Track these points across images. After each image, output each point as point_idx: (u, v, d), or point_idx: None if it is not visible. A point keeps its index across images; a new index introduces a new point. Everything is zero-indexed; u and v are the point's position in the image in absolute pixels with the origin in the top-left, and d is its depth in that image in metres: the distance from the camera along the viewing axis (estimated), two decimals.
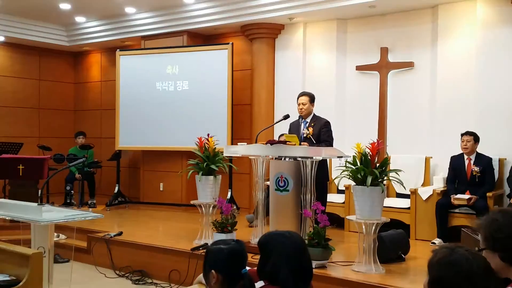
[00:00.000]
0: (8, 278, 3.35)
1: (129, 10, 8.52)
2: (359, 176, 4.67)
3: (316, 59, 7.84)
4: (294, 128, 5.78)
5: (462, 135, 6.05)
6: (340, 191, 6.90)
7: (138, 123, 8.70)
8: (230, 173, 7.87)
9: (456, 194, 5.88)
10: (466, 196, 5.81)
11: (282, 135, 6.17)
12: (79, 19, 9.18)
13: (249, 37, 8.23)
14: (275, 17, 7.66)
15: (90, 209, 8.09)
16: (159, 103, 8.53)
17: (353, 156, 4.77)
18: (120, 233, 6.37)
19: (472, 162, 6.00)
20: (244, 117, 8.31)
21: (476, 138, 5.99)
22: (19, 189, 7.19)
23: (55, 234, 6.17)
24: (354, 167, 4.72)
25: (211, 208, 5.86)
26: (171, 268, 5.59)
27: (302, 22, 7.82)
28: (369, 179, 4.55)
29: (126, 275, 5.84)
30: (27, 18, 9.04)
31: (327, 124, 5.62)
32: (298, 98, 5.77)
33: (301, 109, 5.69)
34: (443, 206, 5.91)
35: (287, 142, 5.21)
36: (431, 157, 6.72)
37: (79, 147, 8.89)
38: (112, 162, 9.20)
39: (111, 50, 9.98)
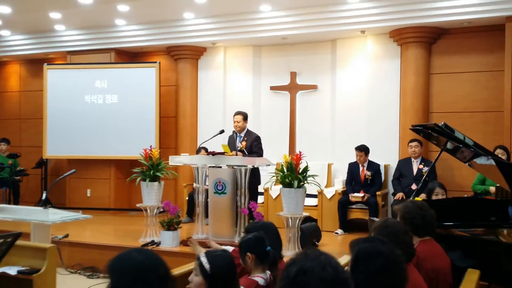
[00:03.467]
0: (23, 269, 4.07)
1: (58, 27, 9.04)
2: (287, 180, 5.92)
3: (234, 78, 9.02)
4: (231, 141, 6.88)
5: (356, 149, 7.54)
6: (311, 195, 7.60)
7: (66, 133, 9.21)
8: None
9: (353, 193, 7.38)
10: (361, 194, 7.34)
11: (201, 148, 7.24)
12: (4, 32, 9.47)
13: (174, 57, 9.19)
14: (199, 41, 8.71)
15: None
16: (88, 115, 9.14)
17: (281, 165, 6.02)
18: (67, 235, 7.01)
19: (365, 168, 7.55)
20: (169, 128, 9.23)
21: (367, 152, 7.53)
22: None
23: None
24: (282, 174, 5.97)
25: (155, 210, 6.77)
26: None
27: (223, 46, 8.96)
28: (296, 183, 5.83)
29: (78, 272, 6.54)
30: None
31: (257, 138, 6.80)
32: (234, 116, 6.88)
33: (235, 126, 6.81)
34: (343, 203, 7.39)
35: (225, 152, 6.33)
36: (332, 164, 8.21)
37: (7, 155, 9.18)
38: (34, 170, 9.60)
39: (31, 61, 10.33)
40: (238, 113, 6.88)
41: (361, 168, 7.56)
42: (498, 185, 5.38)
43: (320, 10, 7.64)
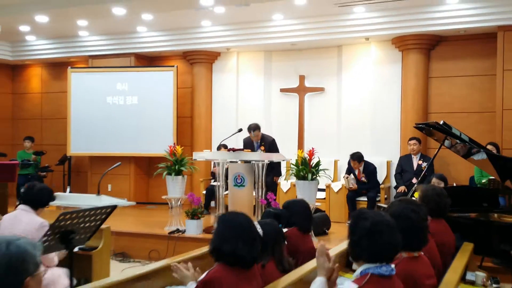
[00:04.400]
0: (83, 246, 4.69)
1: (82, 33, 9.69)
2: (301, 173, 6.59)
3: (247, 81, 9.68)
4: (248, 142, 7.59)
5: (350, 158, 8.11)
6: (320, 189, 7.89)
7: (88, 132, 9.86)
8: None
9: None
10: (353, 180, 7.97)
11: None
12: (30, 37, 10.10)
13: (190, 61, 9.85)
14: (214, 47, 9.38)
15: None
16: (109, 115, 9.79)
17: (296, 160, 6.69)
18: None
19: (361, 172, 8.07)
20: (185, 127, 9.88)
21: (360, 160, 7.94)
22: None
23: None
24: (297, 168, 6.64)
25: (179, 202, 7.43)
26: (150, 249, 7.06)
27: (236, 51, 9.63)
28: (309, 175, 6.50)
29: (110, 257, 7.17)
30: None
31: (273, 141, 7.60)
32: (252, 132, 7.57)
33: (255, 139, 7.60)
34: (352, 196, 8.05)
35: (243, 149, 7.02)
36: (338, 160, 8.89)
37: (33, 153, 9.82)
38: (56, 167, 10.24)
39: (53, 64, 10.97)
40: (254, 129, 7.60)
41: (357, 171, 8.16)
42: (492, 177, 6.09)
43: (328, 19, 8.32)
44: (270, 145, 7.48)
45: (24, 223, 4.11)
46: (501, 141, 7.40)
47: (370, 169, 8.09)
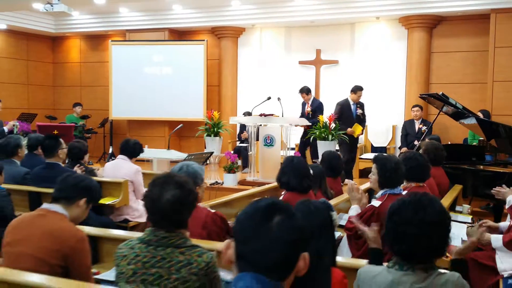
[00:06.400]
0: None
1: (122, 10, 10.84)
2: (323, 135, 7.90)
3: (269, 54, 10.89)
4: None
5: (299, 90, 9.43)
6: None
7: (127, 98, 11.12)
8: None
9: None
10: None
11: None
12: (73, 12, 11.22)
13: (218, 35, 11.03)
14: (240, 23, 10.55)
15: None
16: (146, 84, 11.03)
17: (317, 124, 7.99)
18: None
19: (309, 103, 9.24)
20: (213, 95, 11.13)
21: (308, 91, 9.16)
22: None
23: None
24: (319, 130, 7.94)
25: (217, 159, 8.75)
26: None
27: (259, 27, 10.81)
28: (330, 137, 7.82)
29: None
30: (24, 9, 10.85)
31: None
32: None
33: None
34: None
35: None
36: None
37: (81, 117, 11.10)
38: (97, 130, 11.55)
39: (91, 37, 12.12)
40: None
41: (306, 105, 9.17)
42: (481, 138, 7.41)
43: (343, 0, 9.50)
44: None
45: (124, 169, 5.42)
46: (491, 108, 8.69)
47: (316, 104, 9.05)
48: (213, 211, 3.35)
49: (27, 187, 4.81)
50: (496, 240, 3.54)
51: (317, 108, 8.90)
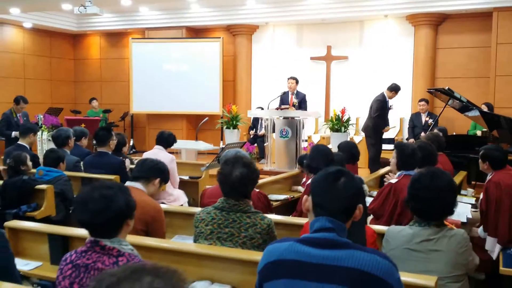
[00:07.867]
0: (191, 176, 6.61)
1: (142, 9, 11.40)
2: (336, 127, 8.47)
3: (281, 51, 11.44)
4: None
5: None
6: None
7: (147, 93, 11.69)
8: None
9: None
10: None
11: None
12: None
13: (233, 33, 11.58)
14: (254, 21, 11.10)
15: None
16: (165, 79, 11.60)
17: (331, 116, 8.55)
18: None
19: (294, 95, 9.81)
20: (228, 90, 11.68)
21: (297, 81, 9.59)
22: None
23: None
24: (332, 122, 8.51)
25: None
26: None
27: (273, 25, 11.35)
28: (343, 129, 8.38)
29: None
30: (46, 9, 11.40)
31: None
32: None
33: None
34: None
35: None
36: (359, 117, 10.74)
37: (103, 111, 11.68)
38: (118, 123, 12.13)
39: (110, 34, 12.68)
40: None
41: (290, 96, 9.70)
42: (484, 129, 7.97)
43: None
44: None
45: (161, 158, 5.97)
46: (494, 101, 9.23)
47: (301, 96, 9.41)
48: (257, 190, 3.92)
49: (80, 173, 5.39)
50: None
51: (303, 100, 9.23)
